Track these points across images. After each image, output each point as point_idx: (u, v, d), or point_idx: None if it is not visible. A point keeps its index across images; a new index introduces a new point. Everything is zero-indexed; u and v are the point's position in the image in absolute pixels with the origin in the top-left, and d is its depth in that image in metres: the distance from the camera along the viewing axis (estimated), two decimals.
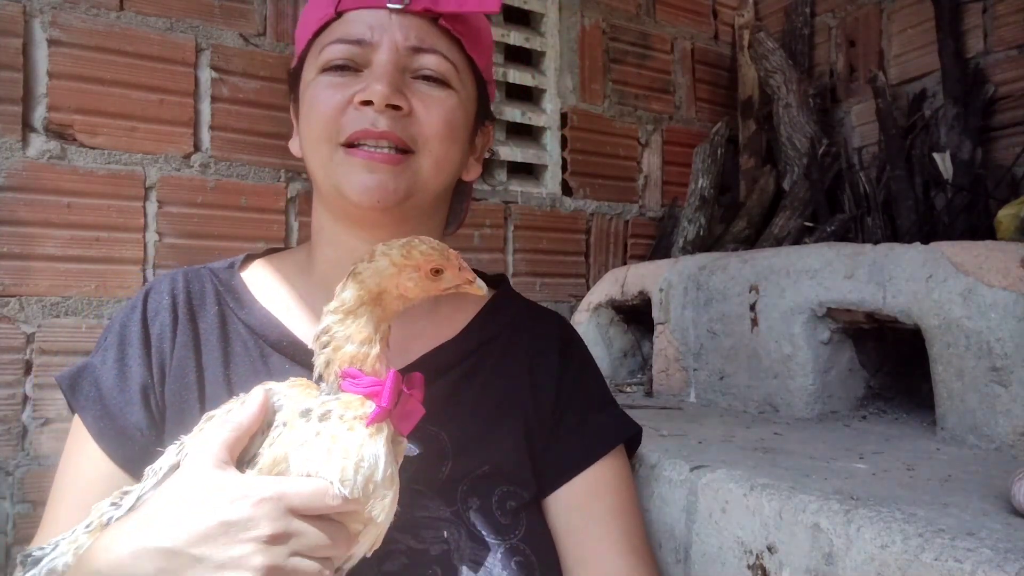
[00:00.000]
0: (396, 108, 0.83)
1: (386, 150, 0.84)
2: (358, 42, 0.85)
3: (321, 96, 0.85)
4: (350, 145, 0.84)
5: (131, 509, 0.68)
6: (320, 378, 0.72)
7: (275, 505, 0.62)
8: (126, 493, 0.71)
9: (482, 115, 0.97)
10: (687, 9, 2.50)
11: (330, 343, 0.71)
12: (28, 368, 1.51)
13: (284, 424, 0.68)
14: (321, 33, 0.88)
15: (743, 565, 0.92)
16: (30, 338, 1.51)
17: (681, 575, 1.02)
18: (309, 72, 0.89)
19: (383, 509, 0.68)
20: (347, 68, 0.85)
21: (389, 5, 0.84)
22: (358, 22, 0.85)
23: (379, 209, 0.85)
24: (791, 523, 0.85)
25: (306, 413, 0.68)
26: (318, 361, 0.71)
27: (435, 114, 0.86)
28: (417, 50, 0.85)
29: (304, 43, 0.91)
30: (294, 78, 0.93)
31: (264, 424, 0.69)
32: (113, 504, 0.70)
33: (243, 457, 0.68)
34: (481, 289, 0.74)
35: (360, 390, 0.69)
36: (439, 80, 0.87)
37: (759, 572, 0.89)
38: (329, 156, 0.85)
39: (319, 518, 0.65)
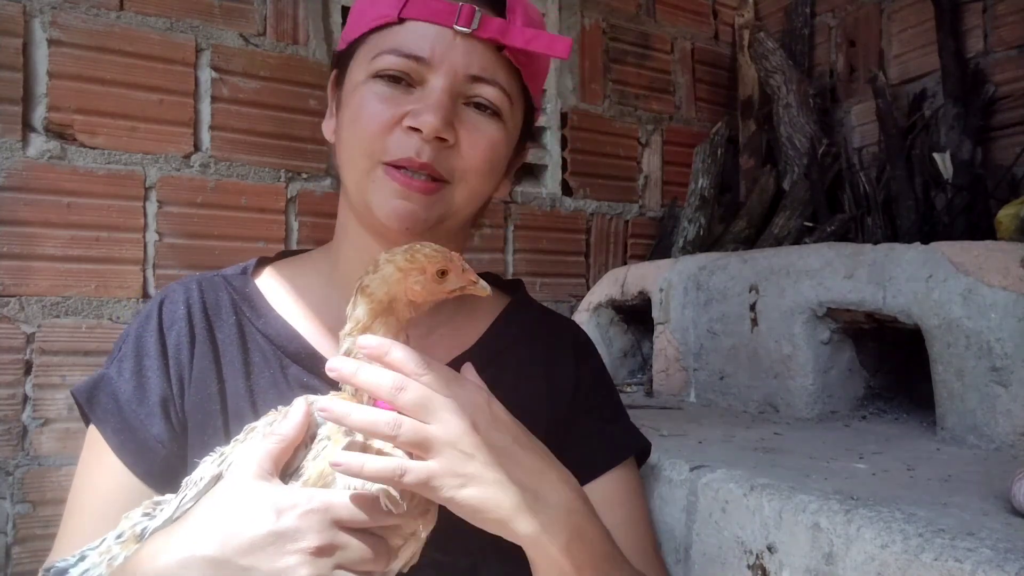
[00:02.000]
0: (443, 140, 0.81)
1: (423, 178, 0.82)
2: (416, 58, 0.81)
3: (369, 107, 0.83)
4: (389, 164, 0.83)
5: (170, 519, 0.67)
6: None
7: (322, 517, 0.63)
8: (158, 503, 0.71)
9: (524, 138, 0.95)
10: (687, 9, 2.50)
11: None
12: (28, 368, 1.51)
13: (328, 438, 0.68)
14: (378, 31, 0.84)
15: (743, 565, 0.92)
16: (30, 338, 1.51)
17: (681, 575, 1.02)
18: (359, 71, 0.85)
19: (425, 526, 0.69)
20: (399, 80, 0.82)
21: (456, 27, 0.80)
22: (420, 36, 0.81)
23: (407, 234, 0.84)
24: (791, 523, 0.85)
25: (350, 431, 0.68)
26: (348, 388, 0.71)
27: (480, 149, 0.84)
28: (476, 79, 0.83)
29: (357, 33, 0.86)
30: (341, 61, 0.90)
31: (307, 437, 0.69)
32: (146, 514, 0.70)
33: (286, 470, 0.68)
34: (485, 290, 0.73)
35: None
36: (491, 110, 0.85)
37: (759, 572, 0.89)
38: (367, 171, 0.83)
39: (362, 532, 0.65)
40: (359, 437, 0.67)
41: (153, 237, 1.64)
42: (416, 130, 0.80)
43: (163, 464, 0.82)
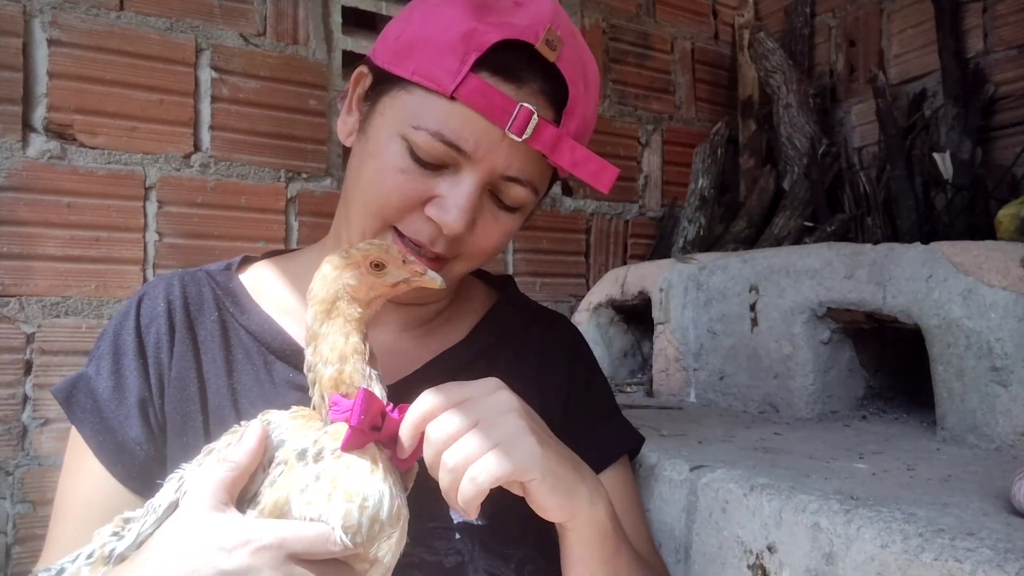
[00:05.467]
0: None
1: (432, 255, 0.82)
2: (458, 149, 0.76)
3: (394, 179, 0.79)
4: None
5: (133, 544, 0.66)
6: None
7: (275, 553, 0.61)
8: (128, 520, 0.70)
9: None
10: (687, 9, 2.51)
11: (315, 376, 0.69)
12: (28, 368, 1.51)
13: (285, 463, 0.66)
14: (426, 91, 0.77)
15: (743, 565, 0.92)
16: (30, 338, 1.51)
17: (681, 575, 1.02)
18: (394, 122, 0.79)
19: (389, 549, 0.66)
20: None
21: (508, 132, 0.75)
22: (467, 127, 0.76)
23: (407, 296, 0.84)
24: (791, 523, 0.85)
25: (303, 455, 0.66)
26: (314, 398, 0.70)
27: (493, 239, 0.83)
28: (510, 179, 0.80)
29: (406, 73, 0.78)
30: (379, 78, 0.84)
31: (265, 460, 0.67)
32: (115, 534, 0.69)
33: (243, 495, 0.66)
34: (434, 280, 0.71)
35: (340, 416, 0.67)
36: (516, 206, 0.83)
37: (759, 572, 0.89)
38: (375, 230, 0.82)
39: (323, 561, 0.63)
40: (310, 462, 0.65)
41: (153, 237, 1.64)
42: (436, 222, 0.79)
43: (141, 466, 0.81)
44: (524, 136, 0.76)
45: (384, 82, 0.82)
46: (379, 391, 0.69)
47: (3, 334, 1.49)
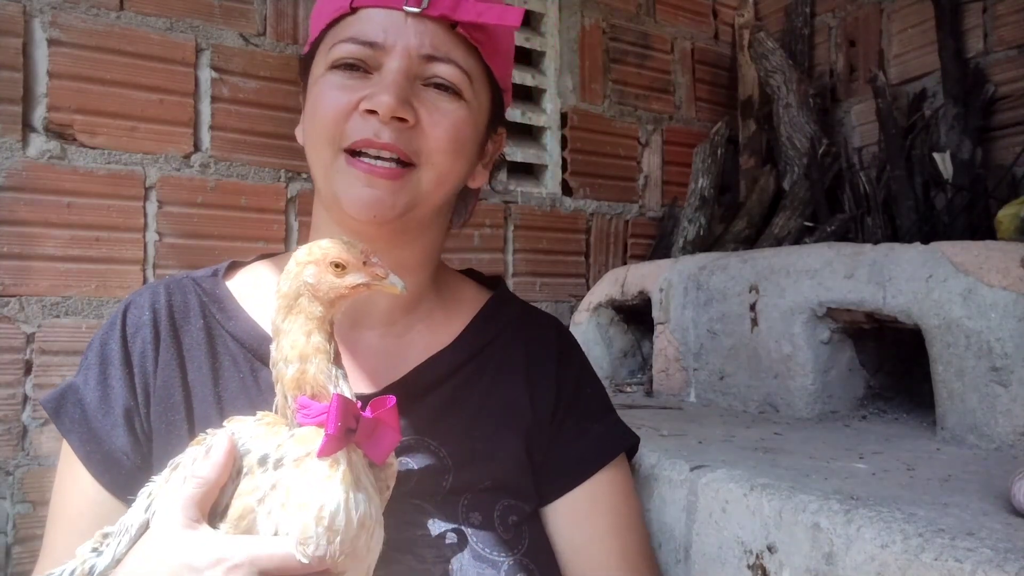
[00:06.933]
0: (402, 120, 0.80)
1: (388, 163, 0.81)
2: (370, 44, 0.82)
3: (327, 96, 0.83)
4: (352, 152, 0.82)
5: (111, 563, 0.66)
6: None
7: (247, 571, 0.61)
8: (106, 536, 0.69)
9: (494, 123, 0.94)
10: (687, 9, 2.51)
11: (278, 375, 0.68)
12: (28, 368, 1.51)
13: (250, 472, 0.65)
14: (335, 26, 0.84)
15: (743, 565, 0.92)
16: (30, 338, 1.51)
17: (681, 575, 1.02)
18: (319, 66, 0.86)
19: (360, 554, 0.65)
20: (356, 68, 0.82)
21: (406, 8, 0.81)
22: (372, 22, 0.82)
23: (376, 223, 0.83)
24: (791, 523, 0.85)
25: (263, 460, 0.65)
26: (277, 398, 0.68)
27: (442, 127, 0.83)
28: (431, 58, 0.82)
29: (317, 32, 0.87)
30: (305, 65, 0.91)
31: (234, 471, 0.66)
32: (94, 550, 0.68)
33: (215, 509, 0.66)
34: (394, 287, 0.70)
35: (311, 420, 0.65)
36: (450, 90, 0.84)
37: (759, 572, 0.89)
38: (330, 161, 0.83)
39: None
40: (270, 469, 0.64)
41: (153, 237, 1.64)
42: (373, 112, 0.80)
43: (128, 476, 0.81)
44: (422, 7, 0.81)
45: (309, 56, 0.89)
46: (347, 392, 0.67)
47: (3, 334, 1.49)
